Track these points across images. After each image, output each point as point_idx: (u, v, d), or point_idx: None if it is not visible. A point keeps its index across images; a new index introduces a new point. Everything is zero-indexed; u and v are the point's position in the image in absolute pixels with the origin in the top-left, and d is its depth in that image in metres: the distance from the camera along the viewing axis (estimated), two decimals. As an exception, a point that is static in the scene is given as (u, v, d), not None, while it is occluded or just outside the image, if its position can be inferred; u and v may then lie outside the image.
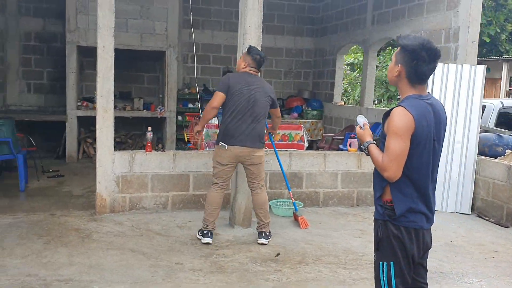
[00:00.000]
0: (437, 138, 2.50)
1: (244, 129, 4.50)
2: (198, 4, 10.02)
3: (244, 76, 4.60)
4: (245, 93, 4.49)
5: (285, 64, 10.93)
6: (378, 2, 8.42)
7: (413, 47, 2.43)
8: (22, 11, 8.96)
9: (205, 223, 4.65)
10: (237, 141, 4.49)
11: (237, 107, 4.49)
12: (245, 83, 4.53)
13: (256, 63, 4.65)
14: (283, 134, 8.11)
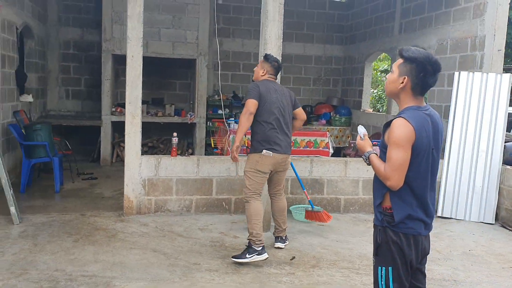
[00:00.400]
0: (435, 147, 2.59)
1: (283, 136, 4.58)
2: (229, 13, 10.33)
3: (269, 84, 4.64)
4: (275, 101, 4.55)
5: (314, 71, 11.04)
6: (405, 11, 8.43)
7: (421, 60, 2.53)
8: (62, 21, 9.46)
9: (257, 238, 4.36)
10: (280, 149, 4.54)
11: (272, 115, 4.52)
12: (273, 91, 4.59)
13: (274, 69, 4.71)
14: (309, 141, 8.23)
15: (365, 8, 10.04)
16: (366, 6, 9.98)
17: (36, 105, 8.50)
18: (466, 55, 6.80)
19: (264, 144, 4.51)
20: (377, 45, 9.45)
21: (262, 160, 4.51)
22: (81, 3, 9.49)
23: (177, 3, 8.89)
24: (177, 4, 8.89)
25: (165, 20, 8.91)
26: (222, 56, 10.42)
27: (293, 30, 10.71)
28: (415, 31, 8.11)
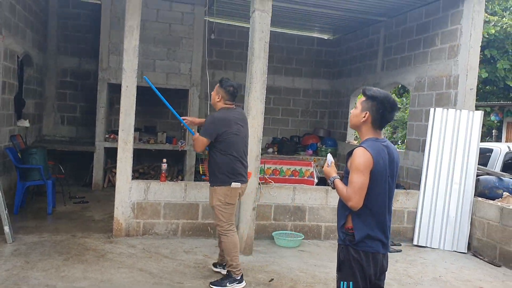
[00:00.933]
0: (391, 175, 2.95)
1: (245, 166, 4.65)
2: (222, 47, 10.81)
3: (229, 113, 4.55)
4: (237, 132, 4.54)
5: (302, 103, 11.47)
6: (387, 49, 8.93)
7: (380, 99, 2.92)
8: (61, 51, 9.87)
9: (237, 268, 4.55)
10: (245, 179, 4.61)
11: (235, 147, 4.53)
12: (234, 121, 4.53)
13: (229, 95, 4.58)
14: (294, 170, 8.58)
15: (350, 46, 10.56)
16: (352, 44, 10.50)
17: (32, 130, 8.80)
18: (442, 92, 7.23)
19: (231, 176, 4.49)
20: (361, 80, 9.92)
21: (231, 192, 4.51)
22: (80, 33, 9.93)
23: (172, 37, 9.35)
24: (172, 37, 9.34)
25: (160, 52, 9.34)
26: (214, 87, 10.87)
27: (282, 64, 11.21)
28: (396, 68, 8.58)
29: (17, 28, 7.42)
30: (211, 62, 10.77)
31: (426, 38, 7.70)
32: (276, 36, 10.98)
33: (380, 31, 9.20)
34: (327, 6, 8.44)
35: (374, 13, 8.73)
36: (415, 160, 7.75)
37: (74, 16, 9.91)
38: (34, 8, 8.47)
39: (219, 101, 4.61)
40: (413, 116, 8.02)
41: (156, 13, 9.28)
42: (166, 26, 9.33)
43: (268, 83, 10.90)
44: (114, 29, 8.96)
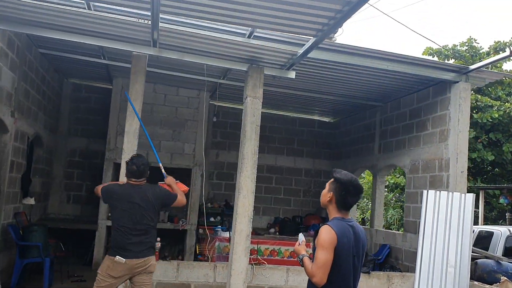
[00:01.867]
0: (356, 254, 3.06)
1: (137, 241, 4.44)
2: (226, 129, 11.25)
3: (126, 189, 4.53)
4: (126, 208, 4.44)
5: (304, 183, 11.65)
6: (383, 133, 9.23)
7: (344, 182, 3.11)
8: (71, 132, 10.37)
9: None
10: (132, 254, 4.42)
11: (121, 221, 4.43)
12: (127, 197, 4.47)
13: (132, 173, 4.53)
14: (292, 251, 8.55)
15: (349, 128, 10.92)
16: (351, 127, 10.86)
17: (37, 207, 9.04)
18: (435, 175, 7.38)
19: (117, 249, 4.42)
20: (360, 162, 10.14)
21: (113, 266, 4.41)
22: (90, 116, 10.47)
23: (178, 119, 9.82)
24: (178, 120, 9.81)
25: (166, 133, 9.77)
26: (218, 167, 11.18)
27: (284, 145, 11.55)
28: (392, 151, 8.81)
29: (29, 111, 7.92)
30: (216, 143, 11.18)
31: (418, 122, 7.99)
32: (277, 118, 11.45)
33: (376, 115, 9.56)
34: (327, 92, 8.89)
35: (370, 99, 9.15)
36: (413, 242, 7.72)
37: (86, 99, 10.53)
38: (48, 93, 9.06)
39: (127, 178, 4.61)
40: (409, 198, 8.10)
41: (164, 97, 9.82)
42: (173, 109, 9.83)
43: (270, 163, 11.36)
44: (123, 112, 9.42)
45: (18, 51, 6.98)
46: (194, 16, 5.11)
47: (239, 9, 4.60)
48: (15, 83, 7.03)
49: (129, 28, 5.45)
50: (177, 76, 8.37)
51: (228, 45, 5.60)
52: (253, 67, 6.07)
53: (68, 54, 7.85)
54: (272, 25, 4.91)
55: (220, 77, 8.25)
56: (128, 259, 4.39)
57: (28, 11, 5.23)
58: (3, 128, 6.85)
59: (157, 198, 4.56)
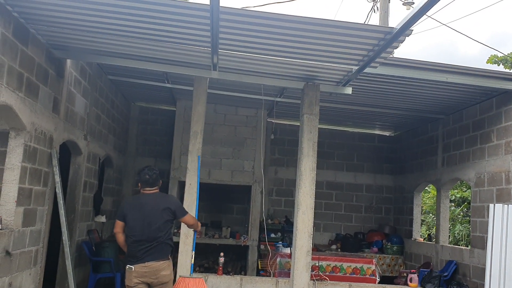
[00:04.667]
0: None
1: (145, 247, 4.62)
2: (284, 145, 11.40)
3: (138, 199, 4.86)
4: (137, 217, 4.68)
5: (365, 199, 11.51)
6: (447, 146, 9.00)
7: None
8: (139, 152, 10.94)
9: None
10: (138, 260, 4.61)
11: (132, 231, 4.69)
12: (139, 206, 4.74)
13: (144, 183, 4.81)
14: (355, 268, 8.48)
15: (411, 142, 10.72)
16: (412, 141, 10.66)
17: (108, 225, 9.57)
18: (502, 188, 7.10)
19: (128, 258, 4.73)
20: (423, 176, 9.91)
21: (126, 273, 4.71)
22: (156, 137, 11.01)
23: (237, 137, 10.10)
24: (237, 138, 10.09)
25: (227, 152, 10.07)
26: (277, 183, 11.32)
27: (343, 160, 11.50)
28: (455, 164, 8.57)
29: (100, 134, 8.49)
30: (274, 159, 11.34)
31: (482, 134, 7.75)
32: (336, 134, 11.45)
33: (439, 128, 9.35)
34: (386, 106, 8.83)
35: (431, 111, 8.98)
36: (481, 258, 7.43)
37: (152, 121, 11.08)
38: (117, 116, 9.66)
39: (140, 189, 4.90)
40: (476, 212, 7.83)
41: (224, 117, 10.16)
42: (232, 129, 10.14)
43: (330, 179, 11.35)
44: (186, 133, 9.81)
45: (89, 78, 7.55)
46: (250, 52, 5.39)
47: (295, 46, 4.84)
48: (87, 108, 7.59)
49: (191, 54, 5.78)
50: (235, 96, 8.66)
51: (284, 66, 5.78)
52: (309, 85, 6.21)
53: (135, 79, 8.37)
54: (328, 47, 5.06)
55: (277, 95, 8.45)
56: (135, 265, 4.59)
57: (98, 42, 5.70)
58: (77, 150, 7.40)
59: (167, 206, 4.77)
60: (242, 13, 4.61)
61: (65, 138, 6.59)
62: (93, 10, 4.69)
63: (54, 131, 6.16)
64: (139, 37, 5.37)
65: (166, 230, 4.78)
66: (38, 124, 5.63)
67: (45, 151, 5.95)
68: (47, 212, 6.19)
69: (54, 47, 5.88)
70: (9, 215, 5.22)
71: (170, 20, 4.73)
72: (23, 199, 5.45)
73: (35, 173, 5.71)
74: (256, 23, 4.67)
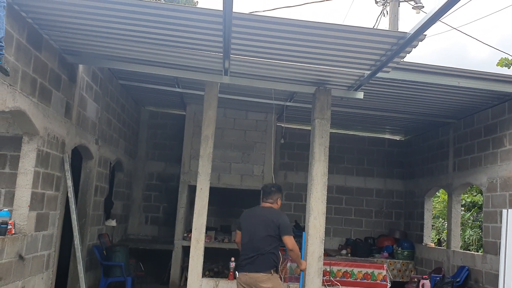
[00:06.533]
0: None
1: (249, 256, 4.82)
2: (294, 150, 11.37)
3: (252, 210, 5.18)
4: (247, 226, 4.97)
5: (375, 204, 11.44)
6: (458, 150, 8.93)
7: None
8: (149, 156, 10.98)
9: None
10: (241, 268, 4.86)
11: (243, 240, 4.98)
12: (252, 216, 5.04)
13: (262, 195, 5.15)
14: (366, 273, 8.42)
15: (421, 146, 10.65)
16: (423, 145, 10.59)
17: (118, 229, 9.61)
18: (515, 193, 7.03)
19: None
20: (434, 181, 9.84)
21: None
22: (166, 141, 11.04)
23: (246, 142, 10.10)
24: (247, 142, 10.09)
25: (236, 156, 10.08)
26: (286, 188, 11.28)
27: (353, 165, 11.45)
28: (467, 169, 8.50)
29: (111, 138, 8.52)
30: (284, 164, 11.31)
31: (495, 138, 7.68)
32: (346, 138, 11.40)
33: (450, 132, 9.29)
34: (397, 111, 8.78)
35: (442, 116, 8.92)
36: (493, 264, 7.36)
37: (162, 125, 11.13)
38: (127, 121, 9.70)
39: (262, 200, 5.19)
40: (488, 217, 7.75)
41: (233, 121, 10.17)
42: (242, 133, 10.14)
43: (340, 183, 11.30)
44: (196, 137, 9.87)
45: (101, 83, 7.60)
46: (262, 57, 5.40)
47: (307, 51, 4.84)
48: (99, 113, 7.63)
49: (202, 59, 5.79)
50: (245, 100, 8.67)
51: (296, 70, 5.78)
52: (320, 89, 6.19)
53: (145, 84, 8.41)
54: (340, 52, 5.05)
55: (287, 99, 8.44)
56: (239, 272, 4.88)
57: (110, 48, 5.73)
58: (89, 155, 7.44)
59: (273, 219, 4.84)
60: (254, 19, 4.62)
61: (77, 143, 6.63)
62: (105, 15, 4.72)
63: (66, 136, 6.19)
64: (151, 43, 5.39)
65: (269, 244, 4.82)
66: (51, 129, 5.67)
67: (58, 156, 5.98)
68: (59, 217, 6.22)
69: (66, 52, 5.93)
70: (22, 219, 5.25)
71: (183, 26, 4.74)
72: (36, 203, 5.49)
73: (47, 177, 5.74)
74: (268, 28, 4.68)
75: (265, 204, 5.07)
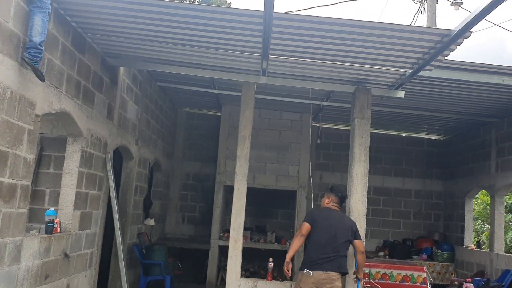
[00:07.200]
0: None
1: (328, 257, 4.94)
2: (329, 150, 11.27)
3: (328, 211, 5.25)
4: (327, 226, 5.05)
5: (414, 205, 11.21)
6: (501, 150, 8.65)
7: None
8: (186, 157, 11.10)
9: None
10: (320, 267, 4.90)
11: (320, 238, 5.00)
12: (329, 217, 5.15)
13: (338, 198, 5.32)
14: (405, 275, 8.28)
15: (462, 146, 10.37)
16: (463, 145, 10.31)
17: (157, 228, 9.75)
18: None
19: (307, 264, 4.99)
20: (475, 181, 9.56)
21: (303, 278, 4.96)
22: (202, 142, 11.14)
23: (281, 142, 10.08)
24: (282, 143, 10.07)
25: (271, 156, 10.07)
26: (322, 188, 11.18)
27: (391, 165, 11.25)
28: (511, 169, 8.22)
29: (150, 139, 8.66)
30: (319, 164, 11.23)
31: (541, 138, 7.41)
32: (384, 138, 11.22)
33: (492, 131, 9.01)
34: (437, 110, 8.57)
35: (484, 115, 8.66)
36: (541, 269, 7.09)
37: (198, 126, 11.23)
38: (165, 122, 9.84)
39: (328, 204, 5.32)
40: (535, 219, 7.47)
41: (268, 122, 10.17)
42: (277, 133, 10.13)
43: (377, 184, 11.12)
44: (231, 137, 9.93)
45: (140, 85, 7.73)
46: (300, 57, 5.37)
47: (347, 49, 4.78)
48: (139, 114, 7.77)
49: (240, 60, 5.81)
50: (280, 100, 8.65)
51: (335, 69, 5.72)
52: (360, 88, 6.11)
53: (182, 85, 8.51)
54: (381, 50, 4.97)
55: (323, 99, 8.36)
56: (314, 271, 4.89)
57: (150, 50, 5.82)
58: (129, 155, 7.58)
59: (351, 226, 5.25)
60: (294, 18, 4.60)
61: (118, 144, 6.77)
62: (145, 18, 4.79)
63: (108, 137, 6.33)
64: (189, 44, 5.44)
65: (346, 248, 5.18)
66: (94, 130, 5.80)
67: (100, 156, 6.12)
68: (101, 216, 6.36)
69: (108, 55, 6.06)
70: (67, 218, 5.40)
71: (222, 27, 4.77)
72: (80, 203, 5.63)
73: (90, 177, 5.88)
74: (307, 28, 4.65)
75: (335, 207, 5.28)
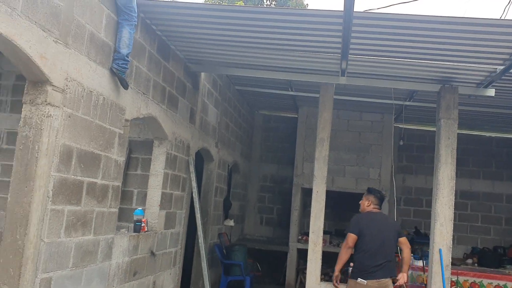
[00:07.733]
0: None
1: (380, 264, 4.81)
2: (412, 152, 10.84)
3: (372, 215, 5.05)
4: (375, 232, 4.89)
5: (505, 210, 10.47)
6: None
7: None
8: (263, 159, 11.20)
9: None
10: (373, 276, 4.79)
11: (370, 245, 4.85)
12: (375, 221, 4.97)
13: (378, 200, 5.12)
14: (497, 285, 7.78)
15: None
16: None
17: (236, 228, 9.93)
18: None
19: (360, 272, 4.84)
20: None
21: (357, 286, 4.83)
22: (279, 144, 11.18)
23: (361, 144, 9.85)
24: (362, 145, 9.84)
25: (350, 159, 9.87)
26: (405, 192, 10.80)
27: (480, 168, 10.59)
28: None
29: (229, 142, 8.85)
30: (402, 166, 10.83)
31: None
32: (471, 139, 10.60)
33: None
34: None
35: None
36: None
37: (275, 128, 11.29)
38: (243, 125, 10.01)
39: (369, 206, 5.14)
40: None
41: (347, 123, 9.98)
42: (356, 135, 9.91)
43: (464, 187, 10.54)
44: (308, 139, 9.87)
45: (220, 89, 7.92)
46: (381, 56, 5.22)
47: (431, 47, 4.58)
48: (218, 117, 7.96)
49: (317, 61, 5.75)
50: (359, 101, 8.44)
51: (418, 68, 5.50)
52: (445, 87, 5.82)
53: (259, 88, 8.59)
54: (469, 46, 4.71)
55: (406, 99, 8.05)
56: (369, 280, 4.80)
57: (228, 55, 5.94)
58: (210, 157, 7.79)
59: (395, 226, 5.18)
60: (376, 17, 4.49)
61: (199, 146, 6.98)
62: (226, 24, 4.89)
63: (190, 140, 6.55)
64: (267, 48, 5.48)
65: (394, 250, 5.08)
66: (178, 134, 6.03)
67: (183, 159, 6.35)
68: (184, 216, 6.59)
69: (190, 61, 6.26)
70: (153, 218, 5.65)
71: (301, 29, 4.75)
72: (165, 203, 5.87)
73: (175, 179, 6.12)
74: (389, 26, 4.51)
75: (378, 209, 5.11)
